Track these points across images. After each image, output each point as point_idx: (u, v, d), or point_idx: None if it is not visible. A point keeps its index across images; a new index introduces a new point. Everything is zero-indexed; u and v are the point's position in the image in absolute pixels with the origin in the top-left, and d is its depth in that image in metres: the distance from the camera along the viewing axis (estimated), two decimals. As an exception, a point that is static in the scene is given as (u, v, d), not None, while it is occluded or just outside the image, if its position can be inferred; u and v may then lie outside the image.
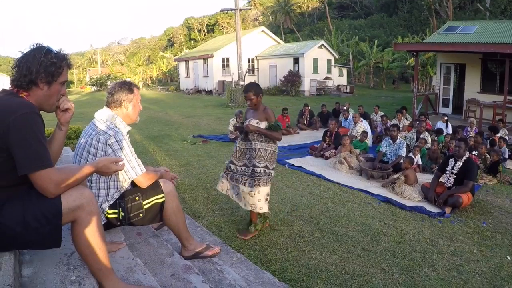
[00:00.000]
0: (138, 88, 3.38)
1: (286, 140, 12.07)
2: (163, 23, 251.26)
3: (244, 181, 4.70)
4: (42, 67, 2.16)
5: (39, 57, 2.16)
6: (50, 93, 2.24)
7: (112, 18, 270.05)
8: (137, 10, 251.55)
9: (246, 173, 4.73)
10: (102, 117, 3.17)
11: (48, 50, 2.22)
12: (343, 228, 5.30)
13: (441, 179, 6.75)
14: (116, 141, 3.03)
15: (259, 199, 4.65)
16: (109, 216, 3.11)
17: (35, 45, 2.22)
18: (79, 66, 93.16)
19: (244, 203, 4.73)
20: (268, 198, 4.78)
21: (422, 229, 5.38)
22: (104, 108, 3.24)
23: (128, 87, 3.26)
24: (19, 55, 2.21)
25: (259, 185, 4.63)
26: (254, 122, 4.68)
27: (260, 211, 4.72)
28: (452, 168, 6.51)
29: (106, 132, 3.05)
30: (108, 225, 3.10)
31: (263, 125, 4.69)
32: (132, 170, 3.11)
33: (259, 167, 4.65)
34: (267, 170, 4.69)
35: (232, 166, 4.86)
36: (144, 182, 3.18)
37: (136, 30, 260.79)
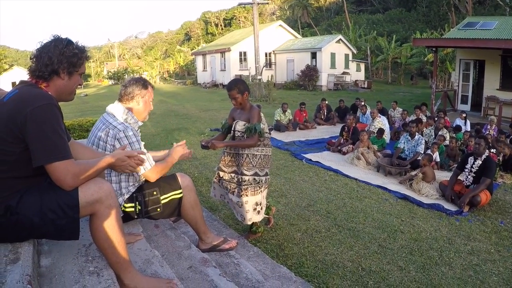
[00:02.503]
0: (152, 87, 3.37)
1: (304, 135, 12.10)
2: (180, 17, 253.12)
3: (233, 190, 4.29)
4: (65, 57, 2.17)
5: (61, 48, 2.17)
6: (70, 83, 2.26)
7: (129, 12, 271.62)
8: (155, 4, 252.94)
9: (234, 181, 4.30)
10: (113, 111, 3.17)
11: (70, 41, 2.23)
12: (360, 224, 5.27)
13: (459, 177, 6.66)
14: (126, 136, 3.01)
15: (246, 210, 4.22)
16: (127, 209, 3.13)
17: (54, 36, 2.23)
18: (96, 59, 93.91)
19: (236, 213, 4.40)
20: (259, 207, 4.30)
21: (439, 227, 5.32)
22: (116, 102, 3.24)
23: (143, 83, 3.27)
24: (38, 46, 2.21)
25: (246, 195, 4.18)
26: (241, 124, 4.25)
27: (249, 223, 4.34)
28: (471, 166, 6.42)
29: (115, 127, 3.04)
30: (126, 218, 3.10)
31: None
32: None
33: (247, 175, 4.19)
34: (257, 178, 4.22)
35: (222, 174, 4.43)
36: (153, 176, 3.14)
37: (153, 24, 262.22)
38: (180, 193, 3.23)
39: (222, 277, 2.94)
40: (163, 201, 3.17)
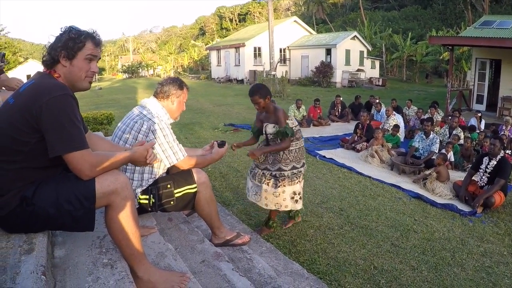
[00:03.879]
0: (188, 88, 3.44)
1: (318, 132, 12.07)
2: (195, 12, 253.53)
3: (268, 181, 4.38)
4: (61, 42, 2.17)
5: (62, 36, 2.19)
6: (74, 68, 2.21)
7: (144, 7, 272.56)
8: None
9: (267, 176, 4.40)
10: (148, 104, 3.27)
11: (71, 28, 2.23)
12: (373, 222, 5.25)
13: (474, 178, 6.59)
14: (160, 128, 3.11)
15: (284, 198, 4.37)
16: (141, 201, 3.16)
17: (66, 28, 2.24)
18: (111, 53, 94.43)
19: (266, 203, 4.41)
20: (297, 196, 4.44)
21: (452, 228, 5.29)
22: (152, 97, 3.34)
23: (179, 83, 3.36)
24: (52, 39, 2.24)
25: (284, 185, 4.33)
26: (270, 126, 4.33)
27: (285, 209, 4.48)
28: (486, 167, 6.37)
29: (150, 119, 3.13)
30: (140, 210, 3.12)
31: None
32: (174, 155, 3.20)
33: (286, 170, 4.33)
34: (295, 170, 4.37)
35: (256, 170, 4.53)
36: (185, 166, 3.29)
37: (168, 19, 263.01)
38: (195, 187, 3.23)
39: (234, 272, 2.94)
40: (176, 195, 3.18)
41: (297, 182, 4.42)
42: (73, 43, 2.19)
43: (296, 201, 4.44)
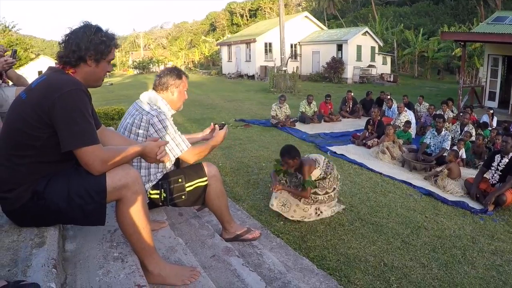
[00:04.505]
0: (187, 76, 3.39)
1: (329, 127, 12.04)
2: (205, 7, 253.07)
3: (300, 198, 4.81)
4: (92, 44, 2.17)
5: (89, 35, 2.17)
6: (98, 70, 2.26)
7: (155, 3, 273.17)
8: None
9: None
10: (146, 98, 3.22)
11: (98, 28, 2.23)
12: (384, 219, 5.22)
13: (485, 175, 6.53)
14: (159, 120, 3.05)
15: (310, 213, 4.83)
16: (152, 196, 3.16)
17: (84, 22, 2.23)
18: (122, 49, 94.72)
19: (292, 215, 4.77)
20: (319, 211, 4.94)
21: (463, 225, 5.24)
22: (150, 90, 3.30)
23: (177, 73, 3.29)
24: (67, 31, 2.22)
25: (314, 204, 4.86)
26: (299, 176, 4.98)
27: (308, 221, 4.85)
28: (498, 165, 6.30)
29: (149, 112, 3.08)
30: (151, 205, 3.13)
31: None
32: (177, 147, 3.14)
33: (320, 194, 4.86)
34: (327, 195, 4.90)
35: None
36: (190, 158, 3.22)
37: (178, 15, 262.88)
38: (205, 180, 3.23)
39: (245, 267, 2.94)
40: (188, 189, 3.19)
41: (325, 202, 4.94)
42: (104, 47, 2.22)
43: (318, 214, 4.91)
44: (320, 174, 4.90)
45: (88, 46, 2.16)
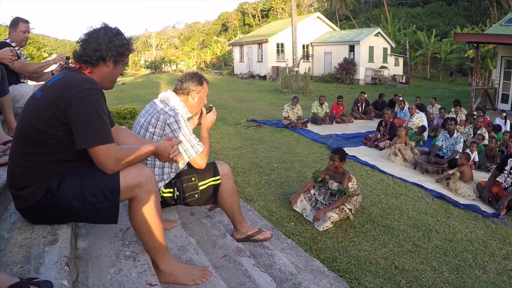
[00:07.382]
0: (207, 82, 3.41)
1: (340, 129, 11.98)
2: (218, 7, 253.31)
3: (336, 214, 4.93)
4: (114, 45, 2.20)
5: (111, 36, 2.20)
6: (114, 71, 2.30)
7: (167, 3, 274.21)
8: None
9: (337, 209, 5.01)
10: (165, 98, 3.25)
11: (119, 31, 2.27)
12: (395, 221, 5.19)
13: (498, 179, 6.47)
14: (176, 121, 3.07)
15: (332, 222, 4.87)
16: (165, 195, 3.17)
17: (103, 24, 2.26)
18: (134, 49, 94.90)
19: (318, 224, 4.82)
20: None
21: (475, 229, 5.20)
22: (169, 91, 3.32)
23: (199, 79, 3.31)
24: (87, 31, 2.24)
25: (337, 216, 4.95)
26: (335, 185, 5.22)
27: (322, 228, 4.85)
28: (511, 168, 6.23)
29: (166, 112, 3.10)
30: (163, 204, 3.13)
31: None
32: (192, 148, 3.14)
33: (346, 207, 5.02)
34: (351, 213, 5.08)
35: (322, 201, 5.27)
36: (201, 162, 3.21)
37: (190, 15, 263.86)
38: (218, 179, 3.25)
39: (256, 268, 2.95)
40: (201, 188, 3.20)
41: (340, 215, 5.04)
42: (124, 49, 2.27)
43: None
44: (353, 189, 5.16)
45: (110, 47, 2.19)
